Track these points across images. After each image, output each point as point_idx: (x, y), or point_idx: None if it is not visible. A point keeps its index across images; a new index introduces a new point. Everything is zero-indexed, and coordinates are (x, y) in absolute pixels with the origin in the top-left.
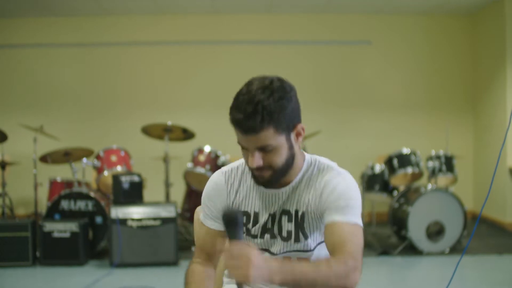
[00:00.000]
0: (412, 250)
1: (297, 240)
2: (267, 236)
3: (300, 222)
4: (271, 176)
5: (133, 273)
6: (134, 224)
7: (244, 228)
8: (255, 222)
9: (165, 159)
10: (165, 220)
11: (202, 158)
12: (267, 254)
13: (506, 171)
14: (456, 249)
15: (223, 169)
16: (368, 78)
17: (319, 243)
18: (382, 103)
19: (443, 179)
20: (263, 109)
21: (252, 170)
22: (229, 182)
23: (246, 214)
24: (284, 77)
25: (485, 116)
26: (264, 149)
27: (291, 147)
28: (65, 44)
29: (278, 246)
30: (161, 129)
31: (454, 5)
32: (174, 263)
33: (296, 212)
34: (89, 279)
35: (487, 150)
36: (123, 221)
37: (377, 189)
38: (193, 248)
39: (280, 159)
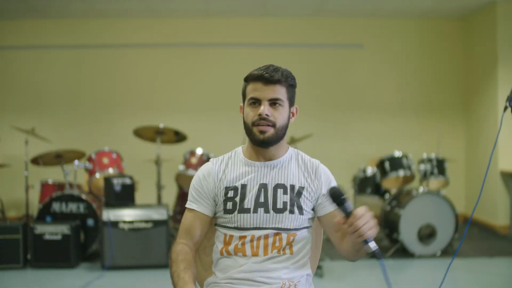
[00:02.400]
0: (403, 253)
1: (292, 211)
2: (260, 210)
3: (295, 197)
4: (271, 134)
5: (124, 275)
6: (126, 226)
7: (231, 204)
8: (243, 194)
9: (157, 162)
10: (156, 223)
11: (194, 160)
12: (256, 232)
13: (497, 174)
14: (448, 252)
15: (211, 159)
16: (361, 81)
17: (306, 227)
18: (374, 106)
19: (434, 182)
20: (283, 71)
21: (256, 125)
22: (217, 165)
23: (234, 188)
24: None
25: (477, 119)
26: (274, 103)
27: (288, 117)
28: (57, 46)
29: (270, 221)
30: (153, 131)
31: (446, 9)
32: (165, 265)
33: (292, 186)
34: (80, 282)
35: (478, 153)
36: (114, 224)
37: (369, 192)
38: None
39: (282, 119)
